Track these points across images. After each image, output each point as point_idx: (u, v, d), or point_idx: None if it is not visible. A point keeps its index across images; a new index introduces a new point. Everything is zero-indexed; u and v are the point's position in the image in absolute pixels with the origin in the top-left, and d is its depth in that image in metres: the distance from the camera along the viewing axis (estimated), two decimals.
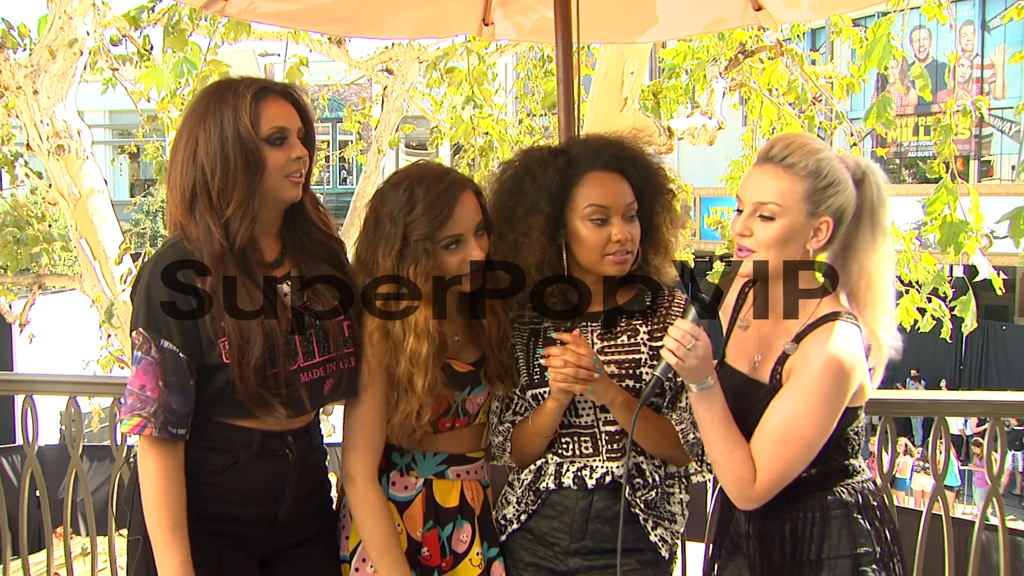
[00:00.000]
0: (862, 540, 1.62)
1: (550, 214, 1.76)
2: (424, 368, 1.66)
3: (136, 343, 1.58)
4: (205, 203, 1.59)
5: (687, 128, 5.64)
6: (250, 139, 1.57)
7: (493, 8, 2.85)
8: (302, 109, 1.68)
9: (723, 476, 1.62)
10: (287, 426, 1.69)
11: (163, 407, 1.55)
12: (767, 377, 1.64)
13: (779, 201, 1.59)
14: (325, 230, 1.76)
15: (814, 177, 1.59)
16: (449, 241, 1.68)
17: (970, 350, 14.24)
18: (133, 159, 22.83)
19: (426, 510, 1.78)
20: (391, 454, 1.80)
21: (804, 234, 1.61)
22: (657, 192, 1.81)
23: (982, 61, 14.66)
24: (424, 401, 1.68)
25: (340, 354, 1.70)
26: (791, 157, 1.60)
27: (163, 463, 1.56)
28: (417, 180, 1.69)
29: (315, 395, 1.68)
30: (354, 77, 8.33)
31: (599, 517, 1.78)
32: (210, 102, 1.61)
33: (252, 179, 1.58)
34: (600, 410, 1.78)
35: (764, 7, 2.69)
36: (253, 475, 1.66)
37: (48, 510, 2.69)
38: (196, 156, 1.59)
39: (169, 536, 1.55)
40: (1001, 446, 2.37)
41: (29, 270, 6.24)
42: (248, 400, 1.58)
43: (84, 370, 6.93)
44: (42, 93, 4.67)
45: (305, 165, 1.67)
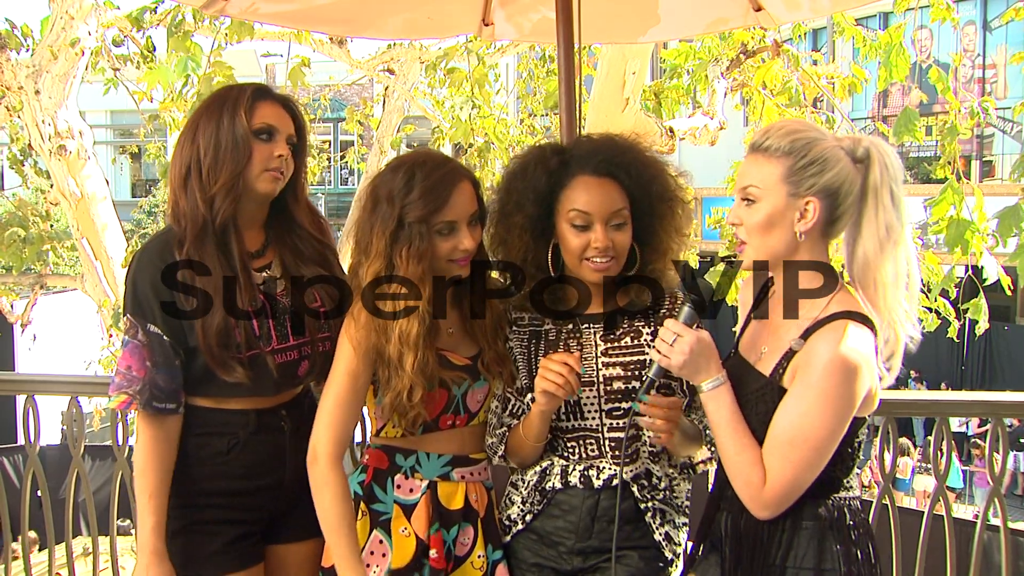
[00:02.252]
0: (827, 558, 1.57)
1: (533, 214, 1.76)
2: (414, 348, 1.69)
3: (125, 327, 1.76)
4: (196, 178, 1.76)
5: (688, 128, 5.64)
6: (242, 129, 1.76)
7: (493, 8, 2.85)
8: (296, 118, 1.85)
9: (734, 480, 1.59)
10: (278, 401, 1.86)
11: (149, 384, 1.73)
12: (768, 370, 1.60)
13: (758, 184, 1.57)
14: (319, 237, 1.91)
15: (793, 156, 1.55)
16: (443, 227, 1.72)
17: (972, 350, 14.21)
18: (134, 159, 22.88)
19: (431, 513, 1.78)
20: (395, 457, 1.80)
21: (788, 216, 1.57)
22: (656, 199, 1.77)
23: (983, 61, 14.65)
24: (415, 381, 1.69)
25: (315, 338, 1.84)
26: (768, 140, 1.58)
27: (151, 434, 1.74)
28: (418, 165, 1.73)
29: (288, 376, 1.83)
30: (355, 77, 8.34)
31: (605, 516, 1.77)
32: (216, 99, 1.82)
33: (238, 163, 1.75)
34: (606, 415, 1.77)
35: (764, 7, 2.69)
36: (255, 450, 1.82)
37: (50, 510, 2.70)
38: (195, 138, 1.78)
39: (146, 502, 1.73)
40: (1003, 446, 2.37)
41: (32, 270, 6.25)
42: (209, 359, 1.73)
43: (86, 370, 6.93)
44: (44, 93, 4.68)
45: (288, 165, 1.81)
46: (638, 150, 1.80)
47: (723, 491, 1.72)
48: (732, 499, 1.67)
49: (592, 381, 1.77)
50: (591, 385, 1.77)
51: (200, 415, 1.80)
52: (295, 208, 1.88)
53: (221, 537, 1.79)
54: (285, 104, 1.84)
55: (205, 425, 1.80)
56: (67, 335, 8.73)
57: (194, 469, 1.79)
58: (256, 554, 1.87)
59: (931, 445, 2.53)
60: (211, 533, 1.79)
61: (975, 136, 14.07)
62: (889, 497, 2.38)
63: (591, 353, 1.79)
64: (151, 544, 1.73)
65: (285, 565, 1.91)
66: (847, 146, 1.58)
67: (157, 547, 1.73)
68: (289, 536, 1.90)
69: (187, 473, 1.78)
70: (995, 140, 15.28)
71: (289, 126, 1.82)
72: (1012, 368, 13.65)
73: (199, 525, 1.79)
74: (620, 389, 1.76)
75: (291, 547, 1.90)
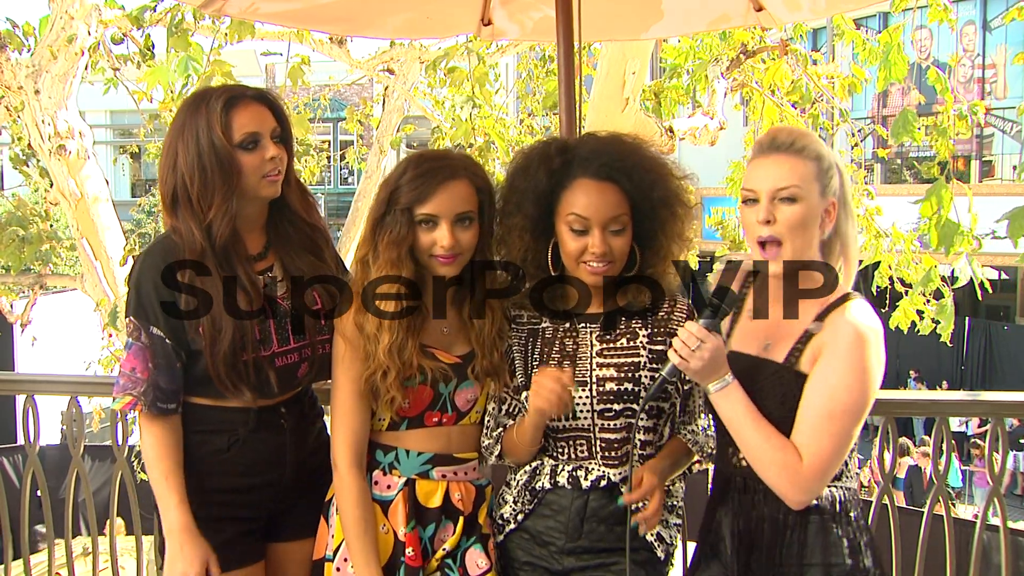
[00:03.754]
0: (833, 550, 1.61)
1: (533, 214, 1.76)
2: (388, 328, 1.71)
3: (128, 330, 1.75)
4: (187, 207, 1.72)
5: (688, 128, 5.64)
6: (223, 147, 1.70)
7: (493, 8, 2.84)
8: (276, 109, 1.79)
9: (767, 471, 1.59)
10: (278, 399, 1.84)
11: (152, 386, 1.72)
12: (782, 357, 1.64)
13: (799, 183, 1.63)
14: (307, 219, 1.88)
15: (819, 160, 1.65)
16: (424, 218, 1.73)
17: (971, 350, 14.22)
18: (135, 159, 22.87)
19: (408, 510, 1.78)
20: (375, 452, 1.82)
21: (818, 216, 1.65)
22: (658, 204, 1.75)
23: (983, 61, 14.66)
24: (389, 363, 1.71)
25: (315, 340, 1.83)
26: (797, 143, 1.65)
27: (159, 432, 1.74)
28: (418, 156, 1.77)
29: (287, 379, 1.83)
30: (355, 77, 8.33)
31: (594, 516, 1.77)
32: (187, 115, 1.74)
33: (229, 184, 1.71)
34: (598, 415, 1.76)
35: (765, 7, 2.69)
36: (255, 448, 1.82)
37: (49, 510, 2.69)
38: (176, 166, 1.72)
39: (165, 484, 1.73)
40: (1003, 446, 2.36)
41: (31, 270, 6.24)
42: (219, 384, 1.73)
43: (85, 370, 6.93)
44: (43, 93, 4.68)
45: (281, 163, 1.78)
46: (641, 153, 1.78)
47: (724, 494, 1.72)
48: (735, 501, 1.68)
49: (585, 381, 1.77)
50: (584, 385, 1.77)
51: (200, 413, 1.80)
52: (287, 192, 1.85)
53: (221, 535, 1.79)
54: (260, 99, 1.77)
55: (205, 423, 1.80)
56: (67, 335, 8.72)
57: (194, 466, 1.78)
58: (256, 552, 1.87)
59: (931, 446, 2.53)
60: (211, 530, 1.78)
61: (975, 136, 14.08)
62: (889, 497, 2.38)
63: (586, 353, 1.79)
64: (180, 521, 1.71)
65: (285, 563, 1.91)
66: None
67: (186, 523, 1.71)
68: (289, 534, 1.90)
69: (187, 470, 1.77)
70: (995, 140, 15.28)
71: (270, 121, 1.77)
72: (1012, 368, 13.64)
73: (199, 522, 1.77)
74: (613, 390, 1.75)
75: (291, 545, 1.90)
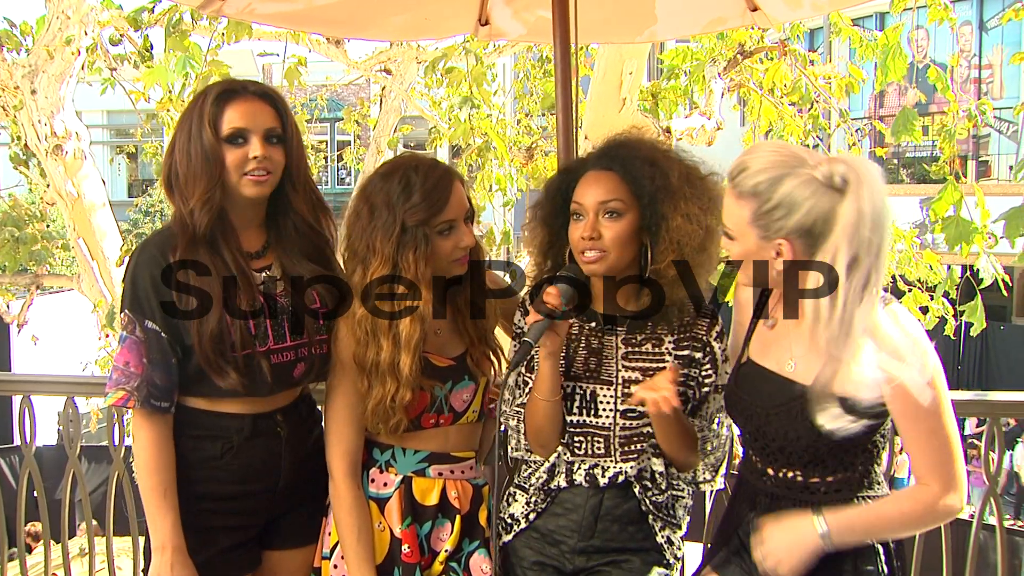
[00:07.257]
0: (866, 557, 1.58)
1: (549, 212, 1.82)
2: (414, 351, 1.72)
3: (123, 323, 1.73)
4: (177, 192, 1.74)
5: (686, 129, 5.63)
6: (208, 139, 1.69)
7: (490, 8, 2.85)
8: (279, 109, 1.76)
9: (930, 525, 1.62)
10: (274, 405, 1.82)
11: (146, 381, 1.69)
12: (811, 379, 1.55)
13: (730, 226, 1.57)
14: (313, 225, 1.84)
15: (758, 200, 1.51)
16: (443, 227, 1.75)
17: (968, 350, 14.21)
18: (131, 159, 22.82)
19: (404, 507, 1.80)
20: (372, 450, 1.83)
21: (763, 256, 1.54)
22: (661, 192, 1.71)
23: (980, 61, 14.66)
24: (412, 384, 1.72)
25: (313, 340, 1.80)
26: (738, 178, 1.54)
27: (153, 433, 1.71)
28: (412, 169, 1.76)
29: (283, 377, 1.79)
30: (352, 77, 8.32)
31: (608, 515, 1.77)
32: (190, 105, 1.76)
33: (211, 176, 1.70)
34: (620, 415, 1.77)
35: (760, 7, 2.69)
36: (249, 455, 1.79)
37: (46, 510, 2.69)
38: (172, 151, 1.74)
39: (160, 500, 1.69)
40: (999, 446, 2.37)
41: (27, 270, 6.23)
42: (204, 363, 1.69)
43: (82, 371, 6.92)
44: (40, 93, 4.67)
45: (270, 164, 1.73)
46: (639, 143, 1.79)
47: (753, 497, 1.69)
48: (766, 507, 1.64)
49: (611, 381, 1.77)
50: (609, 385, 1.77)
51: (194, 416, 1.77)
52: (293, 197, 1.81)
53: (214, 546, 1.77)
54: (262, 97, 1.74)
55: (198, 427, 1.77)
56: (63, 335, 8.70)
57: (186, 472, 1.75)
58: (251, 560, 1.85)
59: None
60: (203, 541, 1.75)
61: (971, 136, 14.09)
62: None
63: (612, 354, 1.79)
64: (173, 541, 1.69)
65: (280, 571, 1.89)
66: (823, 174, 1.48)
67: (178, 544, 1.70)
68: (285, 542, 1.88)
69: (178, 476, 1.74)
70: (991, 140, 15.30)
71: (267, 120, 1.73)
72: (1008, 368, 13.65)
73: (190, 532, 1.74)
74: None
75: (286, 553, 1.89)
